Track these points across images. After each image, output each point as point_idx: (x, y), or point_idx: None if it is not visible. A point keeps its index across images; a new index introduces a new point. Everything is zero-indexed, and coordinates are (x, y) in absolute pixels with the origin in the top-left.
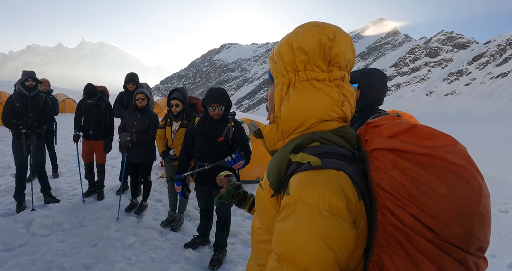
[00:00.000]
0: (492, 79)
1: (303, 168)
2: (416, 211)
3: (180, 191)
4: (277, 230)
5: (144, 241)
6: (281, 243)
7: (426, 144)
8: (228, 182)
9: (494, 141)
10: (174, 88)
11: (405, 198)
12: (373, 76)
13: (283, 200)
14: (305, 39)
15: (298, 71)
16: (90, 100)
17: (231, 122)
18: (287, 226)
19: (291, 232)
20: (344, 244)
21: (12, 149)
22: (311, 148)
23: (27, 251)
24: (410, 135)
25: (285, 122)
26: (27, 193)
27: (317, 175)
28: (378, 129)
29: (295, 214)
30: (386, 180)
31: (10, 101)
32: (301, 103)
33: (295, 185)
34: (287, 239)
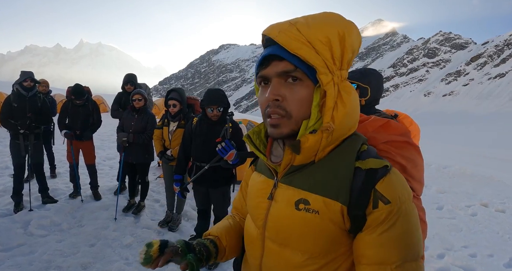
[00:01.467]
0: (490, 80)
1: (384, 173)
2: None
3: (179, 192)
4: (388, 241)
5: (142, 241)
6: (402, 249)
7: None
8: (175, 254)
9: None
10: (172, 88)
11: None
12: (371, 76)
13: (381, 211)
14: (357, 37)
15: (341, 69)
16: (79, 100)
17: (228, 123)
18: (401, 231)
19: (408, 234)
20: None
21: (10, 150)
22: (367, 151)
23: (25, 251)
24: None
25: (339, 130)
26: (25, 193)
27: (396, 175)
28: (363, 124)
29: (401, 219)
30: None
31: (8, 102)
32: (354, 106)
33: (393, 191)
34: (409, 242)
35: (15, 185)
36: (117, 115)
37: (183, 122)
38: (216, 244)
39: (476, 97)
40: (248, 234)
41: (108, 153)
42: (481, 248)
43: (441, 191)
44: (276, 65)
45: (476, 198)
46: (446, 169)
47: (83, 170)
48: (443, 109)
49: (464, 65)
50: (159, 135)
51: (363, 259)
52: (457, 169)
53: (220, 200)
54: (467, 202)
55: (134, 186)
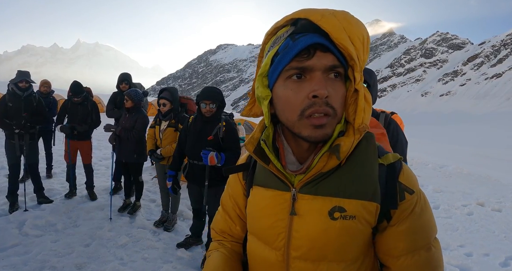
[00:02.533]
0: (487, 80)
1: (400, 165)
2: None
3: (170, 187)
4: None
5: (137, 241)
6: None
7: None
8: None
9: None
10: (164, 87)
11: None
12: (373, 76)
13: (407, 201)
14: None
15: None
16: (77, 97)
17: (222, 122)
18: (429, 214)
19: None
20: None
21: (5, 150)
22: (380, 147)
23: (20, 252)
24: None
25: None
26: (20, 193)
27: (405, 165)
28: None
29: (423, 203)
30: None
31: (3, 101)
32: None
33: (412, 180)
34: (433, 221)
35: (10, 185)
36: (113, 114)
37: (173, 121)
38: None
39: (473, 97)
40: (260, 260)
41: (105, 153)
42: (477, 247)
43: (437, 191)
44: (323, 57)
45: (472, 198)
46: (442, 168)
47: (79, 170)
48: (440, 109)
49: (461, 65)
50: (152, 134)
51: (395, 251)
52: (453, 168)
53: (213, 199)
54: (463, 201)
55: (130, 186)
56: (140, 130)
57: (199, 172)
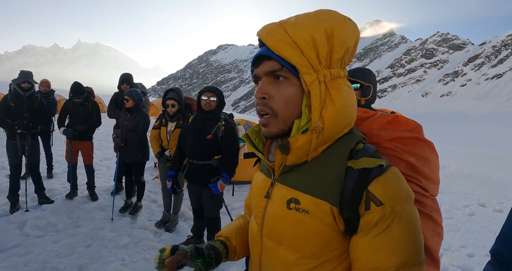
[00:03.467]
0: (487, 80)
1: (378, 173)
2: (422, 181)
3: (170, 187)
4: (383, 245)
5: (138, 242)
6: (397, 254)
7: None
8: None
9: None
10: (170, 88)
11: (414, 173)
12: (371, 76)
13: (374, 213)
14: (348, 32)
15: (330, 67)
16: (78, 98)
17: (221, 121)
18: (396, 235)
19: (405, 237)
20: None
21: (6, 150)
22: (362, 150)
23: (21, 252)
24: (393, 125)
25: (331, 129)
26: (21, 193)
27: (393, 175)
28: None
29: (398, 220)
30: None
31: (5, 101)
32: (347, 104)
33: (385, 192)
34: (403, 248)
35: (11, 185)
36: (114, 115)
37: (181, 122)
38: (226, 245)
39: (474, 97)
40: (250, 230)
41: (105, 153)
42: (479, 248)
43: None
44: (265, 65)
45: (473, 198)
46: (443, 169)
47: (80, 170)
48: (440, 110)
49: (462, 65)
50: (156, 135)
51: (356, 263)
52: (454, 169)
53: (209, 200)
54: (464, 202)
55: (131, 186)
56: (144, 130)
57: (198, 171)
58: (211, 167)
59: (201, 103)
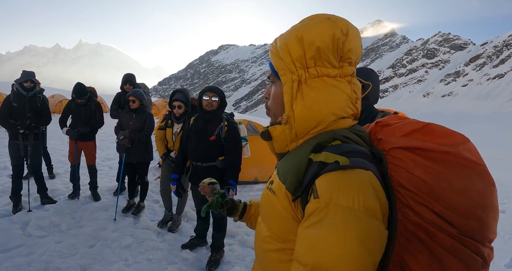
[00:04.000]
0: (489, 80)
1: (331, 168)
2: (439, 208)
3: (174, 190)
4: (306, 239)
5: (141, 242)
6: (314, 252)
7: (443, 142)
8: (212, 191)
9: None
10: (177, 89)
11: (428, 196)
12: (372, 76)
13: (310, 205)
14: (317, 33)
15: (308, 67)
16: (81, 99)
17: (224, 122)
18: (320, 233)
19: (326, 240)
20: (380, 247)
21: (9, 150)
22: (333, 147)
23: (23, 252)
24: (423, 134)
25: (301, 122)
26: (23, 194)
27: (348, 175)
28: (391, 127)
29: (328, 219)
30: (407, 178)
31: (7, 101)
32: (318, 101)
33: (326, 187)
34: (321, 248)
35: (13, 185)
36: (117, 115)
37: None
38: (246, 208)
39: (475, 97)
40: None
41: (108, 153)
42: None
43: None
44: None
45: None
46: None
47: (82, 171)
48: (442, 110)
49: (463, 65)
50: (162, 136)
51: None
52: None
53: None
54: None
55: (134, 186)
56: (151, 130)
57: (203, 173)
58: (216, 168)
59: (202, 104)
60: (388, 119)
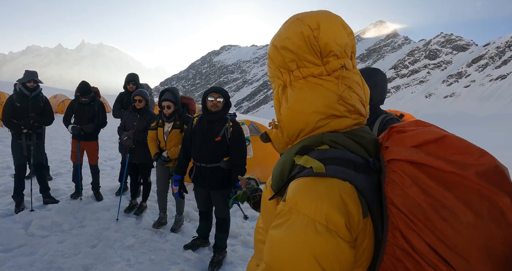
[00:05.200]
0: (491, 81)
1: (305, 173)
2: (432, 239)
3: (177, 192)
4: (269, 237)
5: (144, 242)
6: (270, 252)
7: (457, 160)
8: (246, 184)
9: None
10: (165, 88)
11: (421, 222)
12: (376, 76)
13: (279, 206)
14: (287, 36)
15: (291, 70)
16: (85, 97)
17: (229, 122)
18: (279, 235)
19: (281, 243)
20: (339, 264)
21: (12, 149)
22: (318, 151)
23: (26, 252)
24: (439, 147)
25: (289, 125)
26: (26, 193)
27: (318, 183)
28: (402, 135)
29: (288, 224)
30: (401, 197)
31: (10, 101)
32: (301, 101)
33: (293, 191)
34: (276, 249)
35: (16, 185)
36: (119, 114)
37: (178, 122)
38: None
39: (478, 98)
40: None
41: (110, 153)
42: None
43: None
44: None
45: None
46: None
47: (84, 171)
48: (444, 111)
49: (465, 66)
50: (153, 136)
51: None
52: None
53: (221, 202)
54: None
55: (136, 186)
56: None
57: (207, 175)
58: (220, 169)
59: (207, 105)
60: (406, 125)
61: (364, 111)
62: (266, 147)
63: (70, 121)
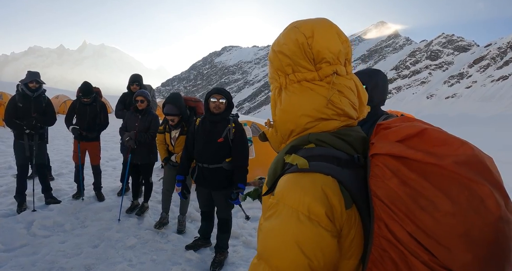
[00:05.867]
0: (493, 82)
1: (291, 169)
2: (412, 228)
3: (180, 192)
4: (261, 229)
5: (145, 243)
6: (261, 241)
7: (436, 152)
8: (259, 184)
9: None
10: (167, 99)
11: (402, 212)
12: (377, 77)
13: (269, 200)
14: (284, 42)
15: (287, 74)
16: (87, 98)
17: (231, 123)
18: (268, 226)
19: (270, 233)
20: (321, 252)
21: (14, 150)
22: (305, 150)
23: (28, 252)
24: (421, 140)
25: (281, 125)
26: (28, 193)
27: (302, 178)
28: (387, 131)
29: (275, 215)
30: (382, 189)
31: (13, 101)
32: (292, 104)
33: (280, 186)
34: (266, 239)
35: (18, 185)
36: (122, 115)
37: (186, 129)
38: None
39: (479, 99)
40: None
41: (111, 154)
42: None
43: None
44: None
45: None
46: None
47: (86, 171)
48: (445, 112)
49: (467, 67)
50: (162, 139)
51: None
52: None
53: (223, 202)
54: None
55: (138, 187)
56: (156, 131)
57: (209, 175)
58: (222, 170)
59: (210, 106)
60: (391, 121)
61: (354, 114)
62: (267, 148)
63: (71, 121)
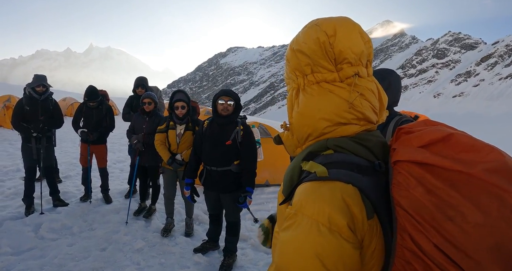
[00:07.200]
0: (501, 80)
1: (309, 178)
2: (439, 240)
3: (189, 196)
4: (279, 240)
5: (153, 246)
6: (279, 254)
7: (464, 158)
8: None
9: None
10: (177, 89)
11: (427, 223)
12: (391, 78)
13: (287, 210)
14: (304, 40)
15: (306, 74)
16: (92, 102)
17: (239, 126)
18: (286, 237)
19: (288, 244)
20: (343, 265)
21: (22, 153)
22: (323, 156)
23: (36, 255)
24: (446, 146)
25: (298, 129)
26: (36, 196)
27: (321, 187)
28: (409, 136)
29: (294, 226)
30: (407, 198)
31: (20, 105)
32: (310, 107)
33: (298, 195)
34: (284, 251)
35: (26, 188)
36: (129, 118)
37: (191, 124)
38: None
39: (487, 98)
40: None
41: (118, 156)
42: None
43: None
44: None
45: None
46: None
47: (93, 173)
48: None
49: (474, 65)
50: (162, 139)
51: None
52: None
53: (231, 205)
54: None
55: (145, 189)
56: None
57: (218, 178)
58: (231, 173)
59: (218, 108)
60: (413, 125)
61: (374, 118)
62: (276, 150)
63: (79, 124)
